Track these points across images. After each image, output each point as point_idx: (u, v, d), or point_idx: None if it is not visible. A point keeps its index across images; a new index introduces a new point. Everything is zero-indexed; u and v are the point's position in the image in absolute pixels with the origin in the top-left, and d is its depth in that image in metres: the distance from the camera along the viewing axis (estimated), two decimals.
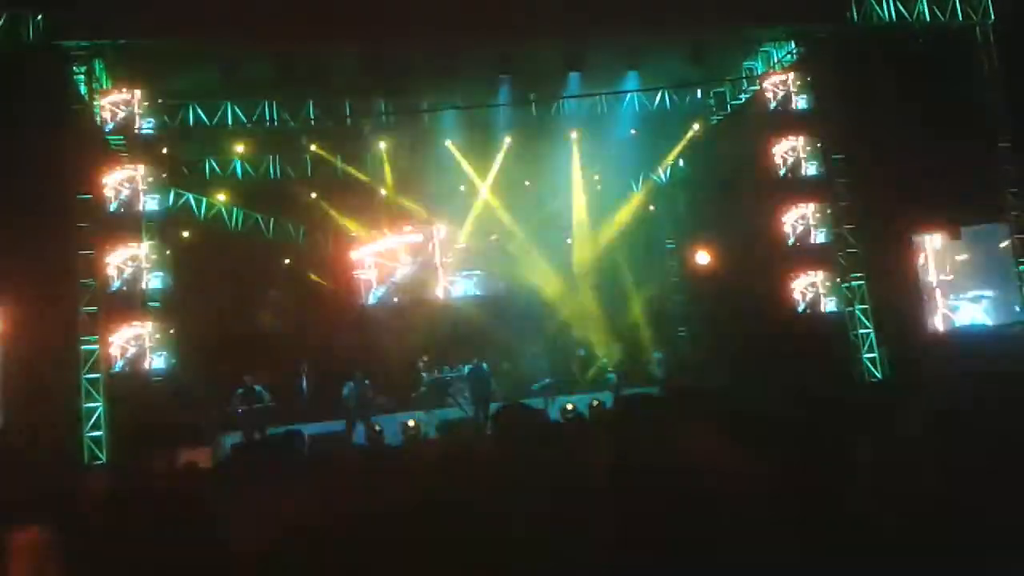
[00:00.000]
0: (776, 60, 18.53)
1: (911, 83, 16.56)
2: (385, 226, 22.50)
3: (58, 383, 14.70)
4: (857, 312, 17.30)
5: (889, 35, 17.51)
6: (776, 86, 17.84)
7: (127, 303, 15.62)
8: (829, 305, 17.45)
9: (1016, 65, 17.36)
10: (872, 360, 17.07)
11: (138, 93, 15.75)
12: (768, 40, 18.43)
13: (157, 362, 15.29)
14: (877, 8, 17.42)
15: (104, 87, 16.01)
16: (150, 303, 16.15)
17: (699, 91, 19.94)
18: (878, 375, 16.92)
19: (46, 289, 14.88)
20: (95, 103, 15.60)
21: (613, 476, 3.48)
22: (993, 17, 17.75)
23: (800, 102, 17.68)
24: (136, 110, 15.65)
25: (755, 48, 18.73)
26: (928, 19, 17.59)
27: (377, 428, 16.36)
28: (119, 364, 15.04)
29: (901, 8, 17.48)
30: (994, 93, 17.72)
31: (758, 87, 18.56)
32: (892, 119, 16.44)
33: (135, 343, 15.19)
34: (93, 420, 14.58)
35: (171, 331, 15.43)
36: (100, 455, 14.40)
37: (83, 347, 14.78)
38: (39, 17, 14.82)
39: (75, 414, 14.54)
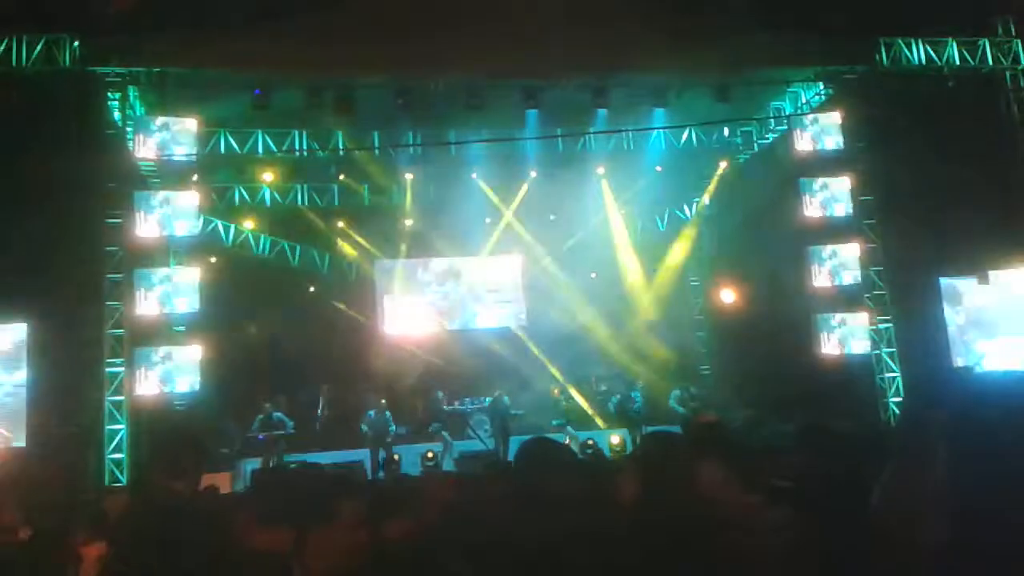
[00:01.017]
0: (804, 100, 18.55)
1: (940, 125, 16.51)
2: (410, 255, 22.62)
3: (82, 404, 14.82)
4: (884, 355, 17.13)
5: (918, 78, 17.50)
6: (804, 127, 17.80)
7: (153, 327, 15.77)
8: (856, 347, 17.25)
9: None
10: (898, 405, 16.87)
11: (171, 120, 15.96)
12: (797, 81, 18.46)
13: (181, 386, 15.35)
14: (906, 51, 17.42)
15: (137, 113, 16.28)
16: (176, 328, 16.29)
17: (726, 130, 19.99)
18: None
19: (73, 310, 15.06)
20: (128, 129, 15.82)
21: (636, 516, 3.44)
22: (1023, 63, 17.72)
23: (828, 143, 17.61)
24: (168, 137, 15.85)
25: (783, 88, 18.77)
26: (957, 62, 17.58)
27: (396, 458, 16.36)
28: (143, 387, 15.11)
29: (930, 51, 17.48)
30: (1022, 138, 17.63)
31: (786, 127, 18.56)
32: (921, 161, 16.37)
33: (160, 367, 15.27)
34: (115, 442, 14.67)
35: (196, 356, 15.49)
36: (121, 477, 14.47)
37: (108, 369, 14.89)
38: (75, 43, 15.07)
39: (98, 435, 14.62)
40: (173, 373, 15.28)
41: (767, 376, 18.72)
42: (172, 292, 15.63)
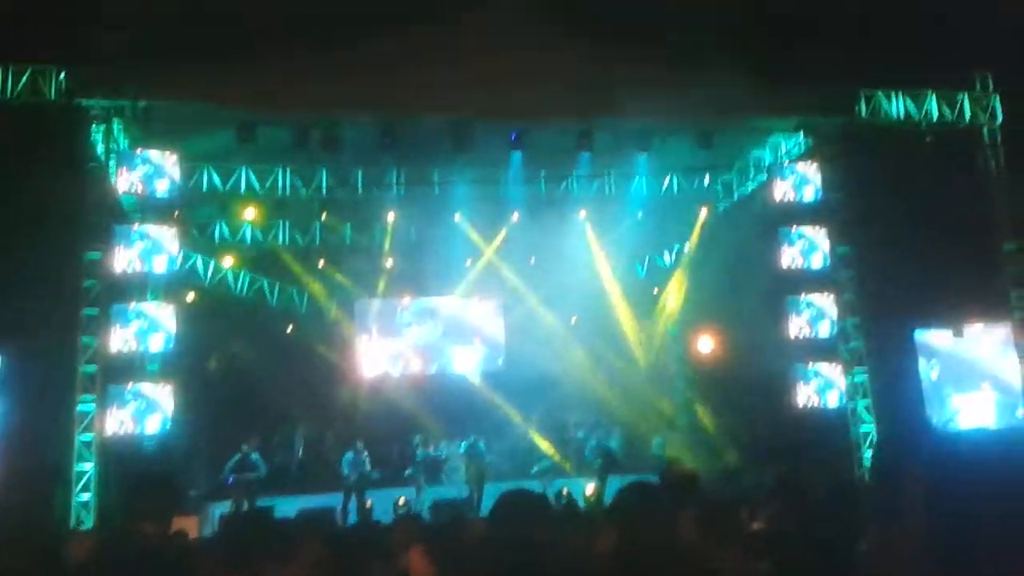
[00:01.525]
0: (785, 150, 18.76)
1: (918, 178, 16.70)
2: (389, 295, 22.55)
3: (52, 442, 14.54)
4: (860, 408, 17.15)
5: (897, 131, 17.74)
6: (783, 177, 17.96)
7: (127, 364, 15.56)
8: (831, 399, 17.26)
9: (1021, 166, 17.55)
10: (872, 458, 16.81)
11: (155, 154, 15.92)
12: (777, 131, 18.68)
13: (152, 425, 15.12)
14: (885, 103, 17.68)
15: (121, 147, 16.22)
16: (150, 365, 16.10)
17: (707, 177, 20.17)
18: None
19: (47, 344, 14.85)
20: (111, 162, 15.76)
21: (614, 568, 3.40)
22: (1001, 118, 18.01)
23: (807, 193, 17.76)
24: (151, 171, 15.79)
25: (764, 137, 18.99)
26: (936, 116, 17.84)
27: (368, 504, 16.17)
28: (114, 426, 14.86)
29: (910, 104, 17.74)
30: (1000, 193, 17.88)
31: (766, 176, 18.75)
32: (899, 214, 16.55)
33: (132, 405, 15.04)
34: (83, 482, 14.37)
35: (169, 394, 15.28)
36: (87, 519, 14.14)
37: (80, 407, 14.62)
38: (61, 75, 15.05)
39: (66, 474, 14.33)
40: (145, 412, 15.03)
41: (744, 426, 18.72)
42: (148, 328, 15.46)
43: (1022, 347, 17.54)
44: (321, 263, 21.84)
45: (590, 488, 17.43)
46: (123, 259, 15.40)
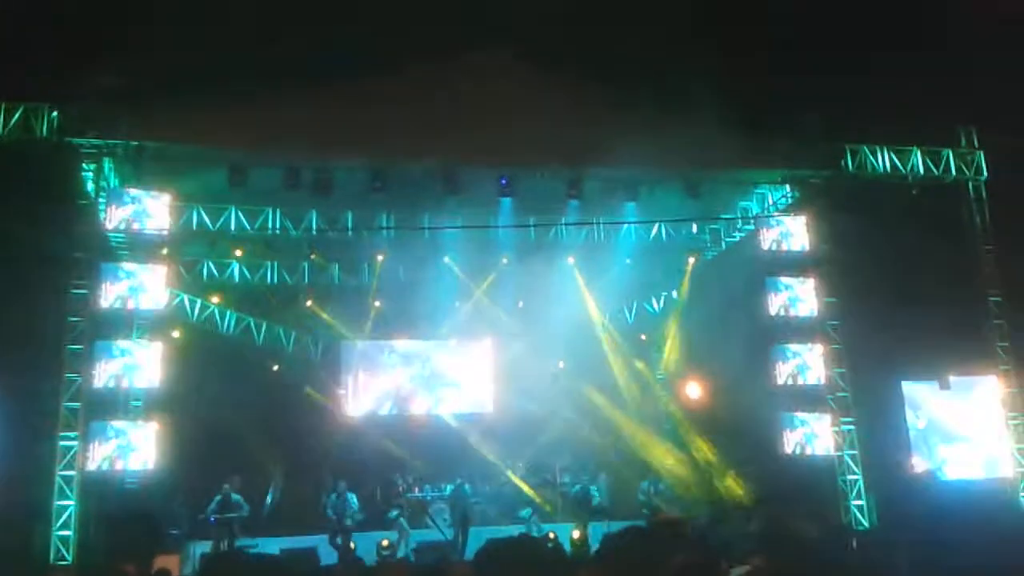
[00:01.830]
0: (771, 202, 18.94)
1: (904, 232, 16.90)
2: (377, 336, 22.50)
3: (33, 478, 14.38)
4: (847, 457, 17.12)
5: (883, 184, 17.94)
6: (770, 227, 18.11)
7: (111, 401, 15.47)
8: (818, 448, 17.25)
9: (1006, 221, 17.78)
10: (860, 508, 16.82)
11: (144, 193, 15.96)
12: (764, 182, 18.88)
13: (134, 463, 14.98)
14: (871, 158, 17.92)
15: (111, 185, 16.25)
16: (134, 402, 15.98)
17: (695, 226, 20.31)
18: (865, 523, 16.65)
19: (31, 380, 14.76)
20: (100, 200, 15.77)
21: None
22: (985, 174, 18.25)
23: (794, 244, 17.91)
24: (140, 210, 15.81)
25: (751, 189, 19.17)
26: (921, 171, 18.08)
27: (352, 546, 15.99)
28: (96, 463, 14.72)
29: (895, 159, 17.99)
30: (985, 247, 18.06)
31: (753, 227, 18.89)
32: (885, 266, 16.70)
33: (114, 442, 14.90)
34: (63, 519, 14.17)
35: (152, 432, 15.16)
36: (67, 555, 13.93)
37: (61, 443, 14.45)
38: (53, 113, 15.13)
39: (45, 511, 14.15)
40: (127, 449, 14.92)
41: (731, 473, 18.66)
42: (132, 366, 15.38)
43: (1008, 400, 17.63)
44: (309, 303, 21.82)
45: (576, 533, 17.30)
46: (109, 296, 15.36)
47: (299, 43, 16.80)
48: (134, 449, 14.97)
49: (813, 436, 17.27)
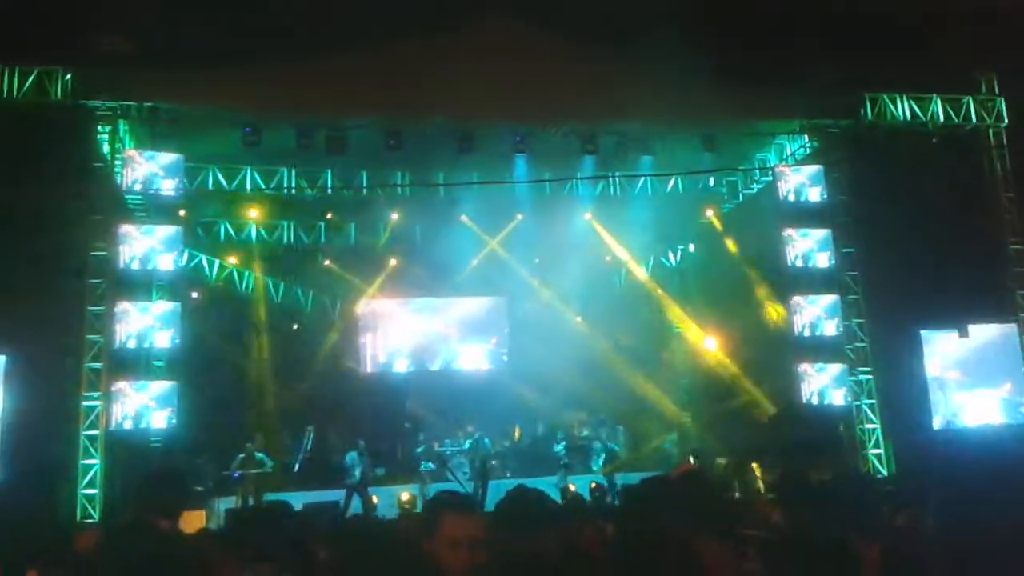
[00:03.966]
0: (789, 152, 18.77)
1: (923, 180, 16.68)
2: (394, 294, 22.60)
3: (57, 437, 14.62)
4: (864, 406, 17.15)
5: (903, 133, 17.72)
6: (788, 178, 17.96)
7: (133, 361, 15.66)
8: (836, 398, 17.27)
9: None
10: (878, 456, 16.87)
11: (159, 154, 15.99)
12: (782, 133, 18.68)
13: (157, 421, 15.20)
14: (891, 106, 17.66)
15: (127, 147, 16.29)
16: (155, 362, 16.17)
17: (711, 179, 20.15)
18: (883, 471, 16.71)
19: (53, 341, 14.92)
20: (116, 162, 15.83)
21: (611, 565, 3.42)
22: (1006, 121, 17.99)
23: (812, 195, 17.77)
24: (157, 171, 15.86)
25: (769, 140, 18.99)
26: (941, 119, 17.83)
27: (374, 500, 16.20)
28: (119, 422, 14.94)
29: (915, 107, 17.73)
30: (1005, 194, 17.87)
31: (771, 178, 18.74)
32: (903, 215, 16.53)
33: (137, 402, 15.12)
34: (89, 477, 14.46)
35: (174, 391, 15.36)
36: (93, 513, 14.24)
37: (85, 403, 14.69)
38: (67, 76, 15.13)
39: (72, 470, 14.41)
40: (150, 408, 15.14)
41: (748, 424, 18.71)
42: (152, 326, 15.55)
43: None
44: (327, 262, 21.91)
45: (594, 486, 17.45)
46: (128, 258, 15.48)
47: (313, 2, 16.67)
48: (157, 408, 15.19)
49: (830, 387, 17.28)
